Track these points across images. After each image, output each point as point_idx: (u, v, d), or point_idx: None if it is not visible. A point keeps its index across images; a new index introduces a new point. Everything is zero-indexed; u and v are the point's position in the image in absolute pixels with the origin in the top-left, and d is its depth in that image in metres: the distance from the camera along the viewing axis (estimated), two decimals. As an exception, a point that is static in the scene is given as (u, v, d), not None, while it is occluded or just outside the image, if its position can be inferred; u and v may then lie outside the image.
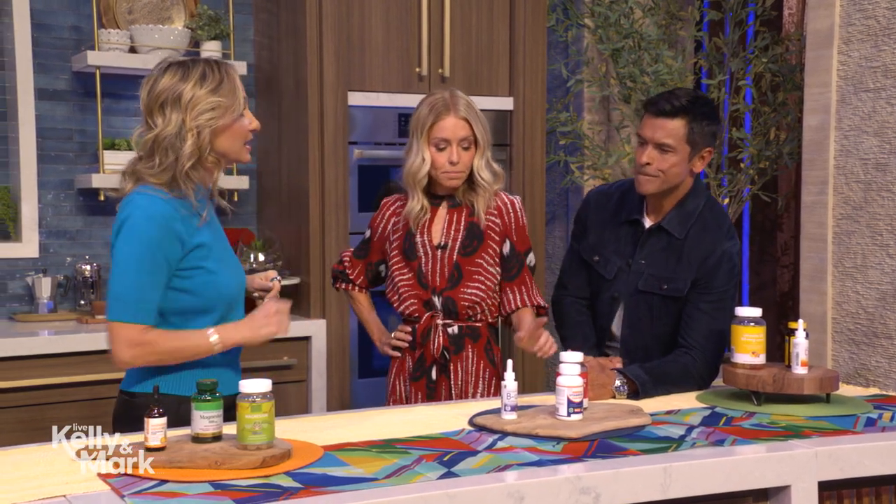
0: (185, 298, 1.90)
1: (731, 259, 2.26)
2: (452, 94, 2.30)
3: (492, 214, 2.33)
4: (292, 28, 3.40)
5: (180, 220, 1.87)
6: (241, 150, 1.97)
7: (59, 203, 3.40)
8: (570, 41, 3.95)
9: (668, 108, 2.18)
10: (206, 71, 1.89)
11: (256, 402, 1.62)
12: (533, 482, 1.52)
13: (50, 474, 1.53)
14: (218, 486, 1.47)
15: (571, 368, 1.85)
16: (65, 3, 3.35)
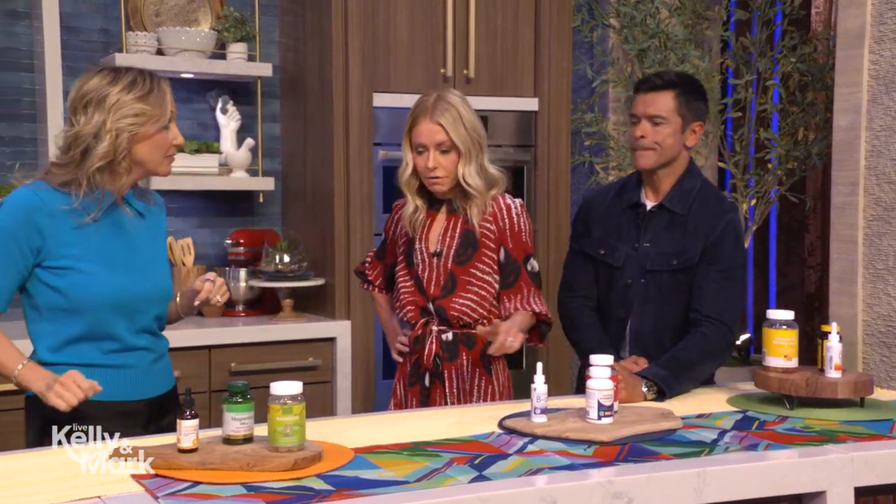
0: (55, 297, 1.89)
1: (735, 229, 2.29)
2: (437, 97, 2.23)
3: (487, 221, 2.26)
4: (318, 30, 3.40)
5: (48, 214, 1.85)
6: (161, 163, 1.95)
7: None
8: (596, 41, 3.93)
9: (659, 82, 2.29)
10: (136, 79, 1.91)
11: (287, 404, 1.62)
12: (565, 486, 1.51)
13: (84, 475, 1.53)
14: (250, 489, 1.47)
15: (601, 371, 1.84)
16: (93, 6, 3.37)
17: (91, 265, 1.89)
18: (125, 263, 1.94)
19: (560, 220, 3.64)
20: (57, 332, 1.91)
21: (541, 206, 3.62)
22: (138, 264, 1.97)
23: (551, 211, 3.62)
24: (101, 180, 1.89)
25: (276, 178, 3.62)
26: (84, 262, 1.89)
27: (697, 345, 2.20)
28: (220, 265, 3.56)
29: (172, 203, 3.53)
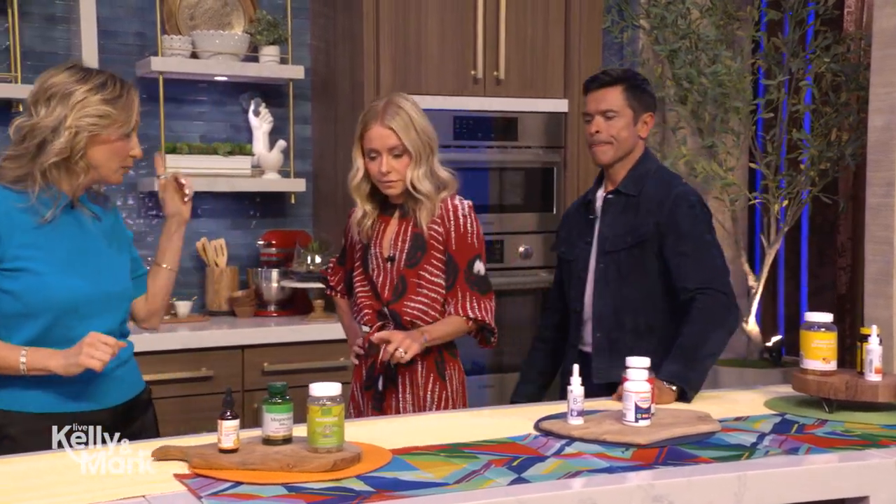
0: (8, 301, 1.80)
1: (686, 199, 2.33)
2: (387, 102, 2.21)
3: (435, 223, 2.23)
4: (349, 32, 3.41)
5: (3, 213, 1.79)
6: (115, 171, 1.89)
7: (123, 206, 3.45)
8: (626, 43, 3.91)
9: (607, 79, 2.38)
10: (107, 81, 1.85)
11: (326, 405, 1.62)
12: (604, 489, 1.50)
13: (129, 475, 1.54)
14: (291, 489, 1.47)
15: (639, 374, 1.83)
16: (130, 10, 3.40)
17: (45, 267, 1.81)
18: (81, 266, 1.87)
19: (590, 222, 3.61)
20: (9, 338, 1.81)
21: (571, 207, 3.60)
22: (95, 267, 1.90)
23: (581, 212, 3.60)
24: (57, 178, 1.82)
25: (307, 179, 3.63)
26: (38, 263, 1.81)
27: (697, 322, 2.20)
28: (253, 266, 3.58)
29: (206, 204, 3.56)
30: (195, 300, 3.44)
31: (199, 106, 3.54)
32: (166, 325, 3.25)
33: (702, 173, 3.61)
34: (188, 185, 2.06)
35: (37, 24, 3.26)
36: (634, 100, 2.36)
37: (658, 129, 3.99)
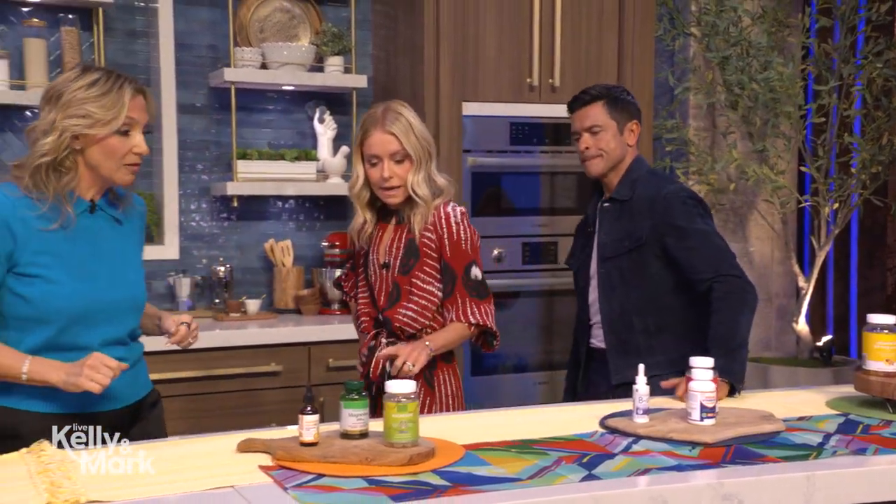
0: (22, 305, 1.75)
1: (677, 196, 2.31)
2: (385, 108, 2.13)
3: (427, 230, 2.13)
4: (410, 43, 3.40)
5: (20, 219, 1.72)
6: (118, 171, 1.78)
7: (197, 209, 3.49)
8: (677, 50, 3.85)
9: (586, 97, 2.40)
10: (98, 79, 1.74)
11: (402, 402, 1.61)
12: (675, 487, 1.46)
13: (215, 465, 1.55)
14: (371, 482, 1.47)
15: (704, 374, 1.79)
16: (204, 24, 3.44)
17: (59, 273, 1.75)
18: (95, 272, 1.80)
19: (642, 224, 3.57)
20: (20, 341, 1.75)
21: (623, 210, 3.56)
22: (109, 273, 1.82)
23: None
24: (48, 179, 1.73)
25: (369, 183, 3.63)
26: (53, 270, 1.74)
27: (722, 310, 2.19)
28: (317, 266, 3.60)
29: (273, 207, 3.59)
30: (263, 298, 3.46)
31: (268, 114, 3.57)
32: (236, 321, 3.28)
33: (753, 177, 3.54)
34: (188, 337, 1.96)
35: (119, 38, 3.31)
36: (616, 112, 2.37)
37: (708, 133, 3.93)
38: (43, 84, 3.10)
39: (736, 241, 4.07)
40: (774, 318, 4.11)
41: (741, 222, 4.06)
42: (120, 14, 3.30)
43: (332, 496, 1.40)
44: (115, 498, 1.37)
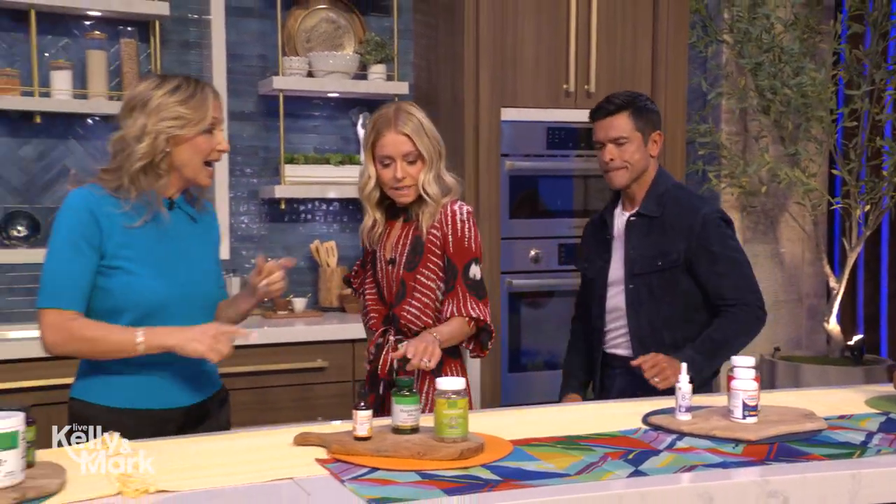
0: (101, 297, 1.77)
1: (714, 220, 2.25)
2: (397, 109, 2.07)
3: (434, 227, 2.08)
4: (450, 51, 3.40)
5: (106, 215, 1.76)
6: (200, 170, 1.82)
7: (246, 211, 3.52)
8: (710, 56, 3.80)
9: (612, 107, 2.29)
10: (181, 84, 1.80)
11: (452, 398, 1.60)
12: (721, 484, 1.44)
13: (273, 458, 1.56)
14: (424, 476, 1.46)
15: (746, 373, 1.76)
16: (254, 35, 3.46)
17: (140, 268, 1.78)
18: (172, 268, 1.82)
19: (675, 226, 3.54)
20: None
21: (657, 212, 3.53)
22: (186, 270, 1.85)
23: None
24: (144, 182, 1.78)
25: (410, 187, 3.63)
26: (133, 264, 1.77)
27: (730, 324, 2.21)
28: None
29: (319, 210, 3.61)
30: (309, 297, 3.48)
31: (314, 120, 3.59)
32: (284, 319, 3.30)
33: (785, 180, 3.49)
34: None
35: (174, 49, 3.35)
36: (641, 122, 2.29)
37: (739, 137, 3.88)
38: (104, 93, 3.14)
39: (767, 243, 4.02)
40: (805, 317, 4.05)
41: (772, 224, 4.00)
42: (175, 26, 3.33)
43: (388, 489, 1.40)
44: (182, 488, 1.38)
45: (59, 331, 1.73)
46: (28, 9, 3.06)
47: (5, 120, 3.14)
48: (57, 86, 3.09)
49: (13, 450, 1.30)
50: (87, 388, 1.81)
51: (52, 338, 1.74)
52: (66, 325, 1.73)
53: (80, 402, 1.80)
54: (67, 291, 1.73)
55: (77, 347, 1.75)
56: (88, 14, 3.17)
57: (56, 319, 1.73)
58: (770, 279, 4.01)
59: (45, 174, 3.20)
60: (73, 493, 1.34)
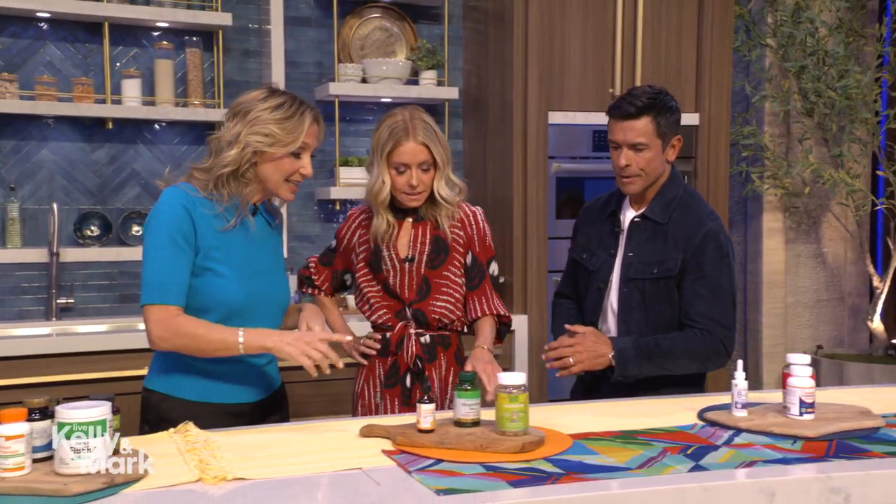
0: (188, 296, 1.76)
1: (716, 237, 2.05)
2: (412, 117, 2.03)
3: (455, 227, 2.10)
4: (499, 57, 3.38)
5: (200, 216, 1.75)
6: (281, 186, 1.81)
7: (302, 212, 3.53)
8: (754, 60, 3.73)
9: (633, 109, 2.01)
10: (284, 103, 1.77)
11: (513, 393, 1.58)
12: (784, 479, 1.40)
13: (340, 448, 1.55)
14: (488, 468, 1.44)
15: (803, 370, 1.71)
16: (311, 43, 3.48)
17: (225, 268, 1.77)
18: (254, 272, 1.82)
19: (719, 226, 3.47)
20: None
21: (701, 212, 3.47)
22: (266, 273, 1.85)
23: (711, 217, 3.46)
24: (230, 186, 1.77)
25: (459, 188, 3.62)
26: (221, 265, 1.77)
27: (685, 342, 2.02)
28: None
29: (372, 211, 3.60)
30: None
31: (368, 124, 3.59)
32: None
33: (829, 181, 3.40)
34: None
35: (235, 57, 3.38)
36: (663, 127, 2.02)
37: (783, 139, 3.80)
38: (170, 100, 3.18)
39: (809, 243, 3.92)
40: (847, 316, 3.95)
41: (814, 224, 3.91)
42: (236, 35, 3.36)
43: (454, 480, 1.38)
44: (258, 476, 1.38)
45: (165, 327, 1.71)
46: (102, 21, 3.11)
47: (80, 126, 3.19)
48: (127, 93, 3.14)
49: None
50: (165, 381, 1.82)
51: (158, 333, 1.72)
52: (171, 321, 1.71)
53: (158, 395, 1.81)
54: (171, 287, 1.72)
55: (182, 343, 1.73)
56: (157, 25, 3.21)
57: (162, 315, 1.71)
58: (812, 278, 3.92)
59: (116, 177, 3.25)
60: (156, 479, 1.35)
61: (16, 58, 3.11)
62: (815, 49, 3.32)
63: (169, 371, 1.81)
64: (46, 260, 3.09)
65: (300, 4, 3.44)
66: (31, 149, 3.15)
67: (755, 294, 3.90)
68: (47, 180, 3.17)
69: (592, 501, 1.32)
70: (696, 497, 1.35)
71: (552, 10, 3.27)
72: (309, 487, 1.34)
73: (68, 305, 3.14)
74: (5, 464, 1.29)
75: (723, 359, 2.05)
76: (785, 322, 3.88)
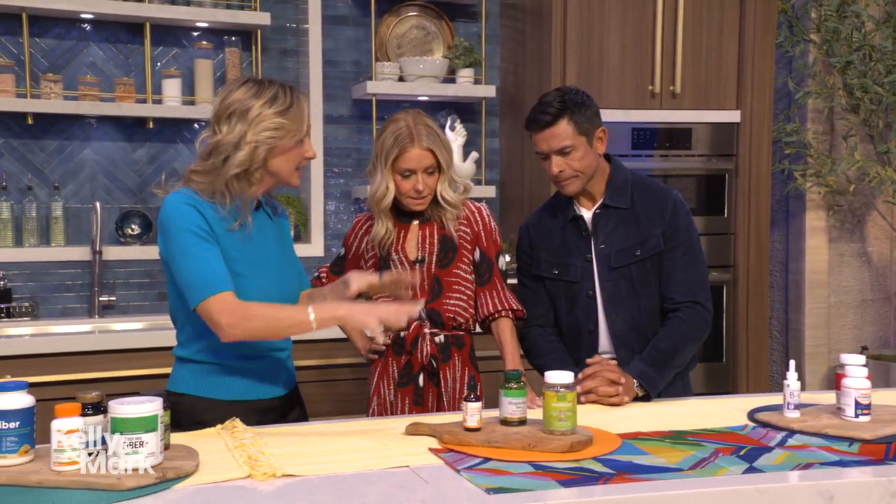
0: None
1: (682, 205, 2.10)
2: (416, 122, 2.04)
3: (462, 224, 2.11)
4: (537, 54, 3.35)
5: (209, 218, 1.72)
6: (293, 174, 1.79)
7: (339, 211, 3.54)
8: (797, 56, 3.66)
9: (548, 117, 2.00)
10: (278, 93, 1.74)
11: (561, 391, 1.57)
12: (843, 482, 1.36)
13: (388, 446, 1.55)
14: (537, 467, 1.43)
15: (858, 371, 1.67)
16: (348, 42, 3.48)
17: (242, 268, 1.74)
18: (267, 267, 1.80)
19: (760, 225, 3.41)
20: (204, 332, 1.73)
21: (741, 211, 3.41)
22: (278, 267, 1.84)
23: (752, 216, 3.41)
24: (237, 187, 1.75)
25: (496, 186, 3.61)
26: (238, 265, 1.74)
27: (678, 331, 2.02)
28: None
29: (408, 209, 3.60)
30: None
31: (404, 123, 3.58)
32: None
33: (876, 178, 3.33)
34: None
35: (273, 57, 3.40)
36: (582, 124, 2.00)
37: (826, 136, 3.72)
38: (209, 99, 3.21)
39: (853, 241, 3.84)
40: (893, 316, 3.86)
41: (859, 223, 3.83)
42: (274, 35, 3.38)
43: (503, 479, 1.37)
44: (307, 472, 1.38)
45: (231, 312, 1.64)
46: (144, 22, 3.14)
47: (121, 125, 3.23)
48: (168, 93, 3.17)
49: (153, 432, 1.32)
50: (195, 384, 1.79)
51: (227, 321, 1.64)
52: (235, 306, 1.65)
53: (191, 398, 1.78)
54: (217, 276, 1.67)
55: (253, 326, 1.66)
56: (197, 25, 3.24)
57: (223, 305, 1.64)
58: (856, 278, 3.84)
59: (157, 176, 3.28)
60: (206, 474, 1.36)
61: (60, 59, 3.16)
62: (862, 44, 3.25)
63: (199, 374, 1.79)
64: (89, 258, 3.13)
65: (338, 3, 3.45)
66: (73, 148, 3.19)
67: (797, 294, 3.83)
68: (90, 179, 3.21)
69: (646, 502, 1.29)
70: (752, 499, 1.33)
71: (591, 5, 3.24)
72: (358, 484, 1.33)
73: (110, 303, 3.18)
74: (60, 458, 1.31)
75: (709, 325, 2.06)
76: (828, 322, 3.80)
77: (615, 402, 1.89)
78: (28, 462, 1.35)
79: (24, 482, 1.29)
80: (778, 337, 3.91)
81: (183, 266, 1.69)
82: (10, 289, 3.08)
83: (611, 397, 1.89)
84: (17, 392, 1.35)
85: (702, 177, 3.45)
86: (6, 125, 3.11)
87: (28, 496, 1.25)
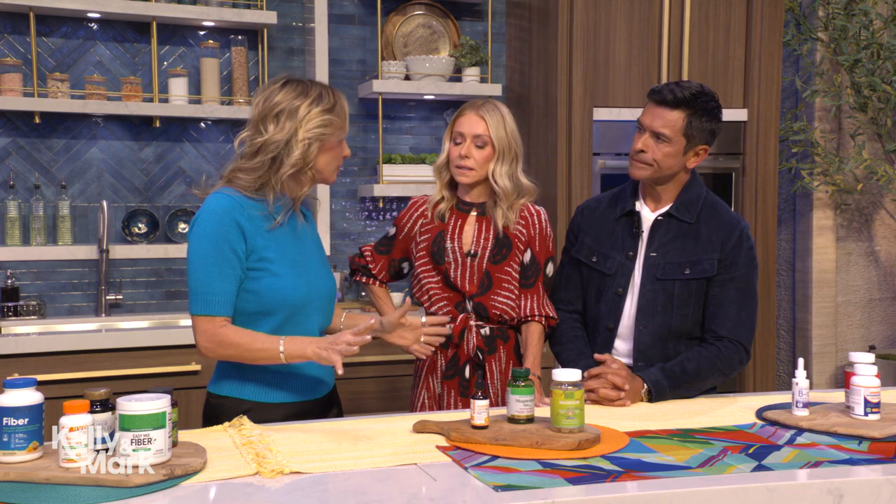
0: (249, 299, 1.74)
1: (748, 239, 2.00)
2: (488, 100, 2.10)
3: (519, 224, 2.11)
4: (543, 53, 3.35)
5: (246, 218, 1.72)
6: (333, 172, 1.83)
7: (345, 209, 3.54)
8: (805, 54, 3.65)
9: (671, 98, 1.92)
10: (322, 93, 1.77)
11: (569, 389, 1.56)
12: (853, 480, 1.36)
13: (394, 444, 1.55)
14: (545, 465, 1.43)
15: (868, 369, 1.66)
16: (354, 41, 3.48)
17: (281, 268, 1.75)
18: (305, 266, 1.81)
19: (767, 224, 3.40)
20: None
21: (748, 210, 3.40)
22: (315, 267, 1.84)
23: (759, 215, 3.39)
24: (289, 187, 1.77)
25: (502, 185, 3.60)
26: (275, 265, 1.75)
27: (710, 361, 1.94)
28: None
29: (414, 208, 3.60)
30: (406, 291, 3.48)
31: (410, 121, 3.59)
32: (381, 313, 3.29)
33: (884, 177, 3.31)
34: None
35: (280, 56, 3.40)
36: (693, 128, 1.92)
37: (834, 135, 3.71)
38: (216, 98, 3.21)
39: (861, 241, 3.83)
40: (900, 316, 3.84)
41: (866, 222, 3.81)
42: (280, 34, 3.38)
43: (511, 476, 1.36)
44: (315, 470, 1.38)
45: (210, 338, 1.71)
46: (150, 21, 3.15)
47: (128, 124, 3.24)
48: (174, 92, 3.18)
49: (161, 429, 1.32)
50: (238, 386, 1.79)
51: (203, 343, 1.73)
52: (217, 332, 1.71)
53: (233, 400, 1.78)
54: (217, 299, 1.70)
55: (226, 353, 1.72)
56: (203, 24, 3.25)
57: (208, 326, 1.71)
58: (864, 277, 3.82)
59: (163, 175, 3.29)
60: (214, 471, 1.36)
61: (67, 58, 3.17)
62: (870, 42, 3.23)
63: (241, 376, 1.79)
64: (96, 257, 3.14)
65: (344, 2, 3.45)
66: (80, 147, 3.20)
67: (804, 293, 3.82)
68: (96, 178, 3.22)
69: (655, 500, 1.29)
70: (761, 497, 1.32)
71: (597, 4, 3.23)
72: (366, 482, 1.33)
73: (117, 301, 3.19)
74: (69, 454, 1.31)
75: (743, 366, 2.00)
76: (835, 322, 3.79)
77: (616, 405, 1.87)
78: (37, 458, 1.35)
79: (32, 478, 1.29)
80: (785, 336, 3.90)
81: (193, 272, 1.72)
82: (18, 287, 3.09)
83: (612, 401, 1.87)
84: (26, 389, 1.35)
85: (709, 175, 3.44)
86: (13, 124, 3.12)
87: (37, 492, 1.26)
